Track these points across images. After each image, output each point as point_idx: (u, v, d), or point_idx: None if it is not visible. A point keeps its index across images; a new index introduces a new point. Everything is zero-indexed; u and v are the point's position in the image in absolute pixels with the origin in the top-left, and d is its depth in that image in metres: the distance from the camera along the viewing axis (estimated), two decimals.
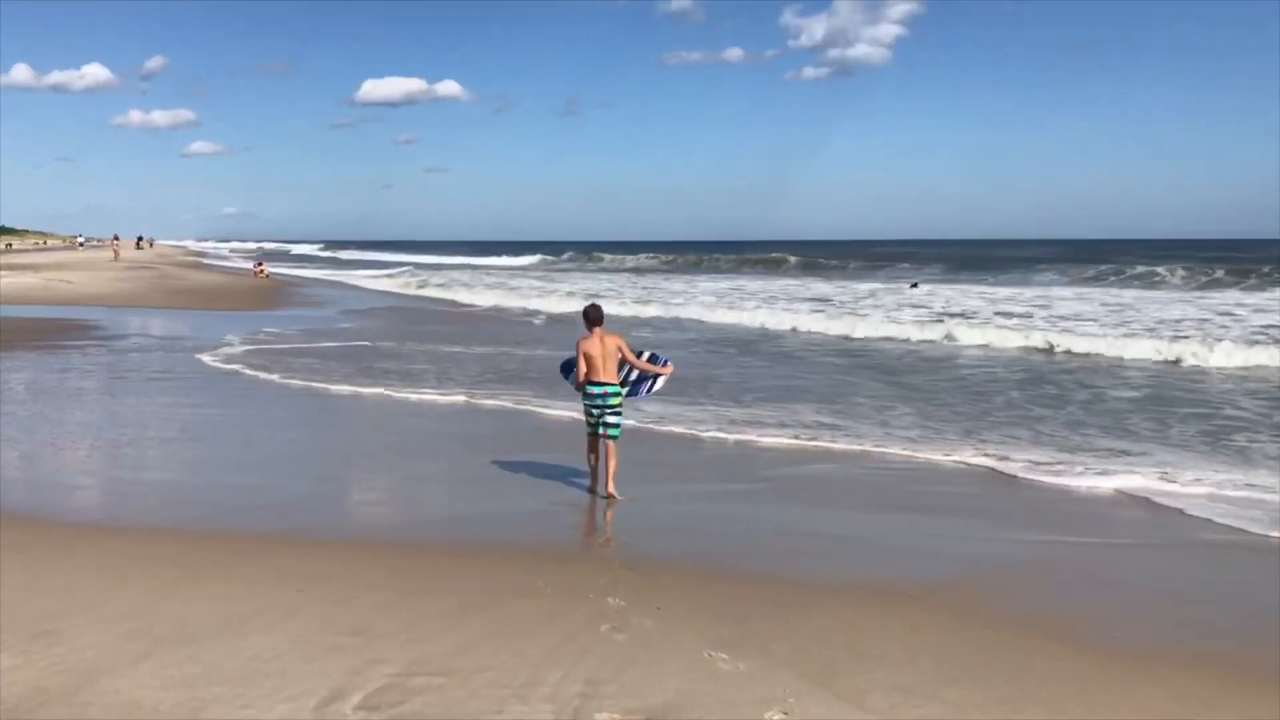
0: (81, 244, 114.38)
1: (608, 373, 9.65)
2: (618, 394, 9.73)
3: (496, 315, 36.24)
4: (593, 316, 9.82)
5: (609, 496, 9.64)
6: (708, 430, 13.32)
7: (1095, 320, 30.13)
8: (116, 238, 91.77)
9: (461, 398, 15.81)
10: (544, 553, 8.12)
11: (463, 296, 45.43)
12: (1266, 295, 39.66)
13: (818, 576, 7.64)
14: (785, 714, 5.28)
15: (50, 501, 9.57)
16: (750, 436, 12.96)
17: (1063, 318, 31.18)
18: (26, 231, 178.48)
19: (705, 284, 54.53)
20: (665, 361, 10.39)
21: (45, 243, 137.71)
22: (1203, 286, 46.57)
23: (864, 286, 49.90)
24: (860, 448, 12.36)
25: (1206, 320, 29.72)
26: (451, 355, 22.01)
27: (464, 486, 10.73)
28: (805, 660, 5.96)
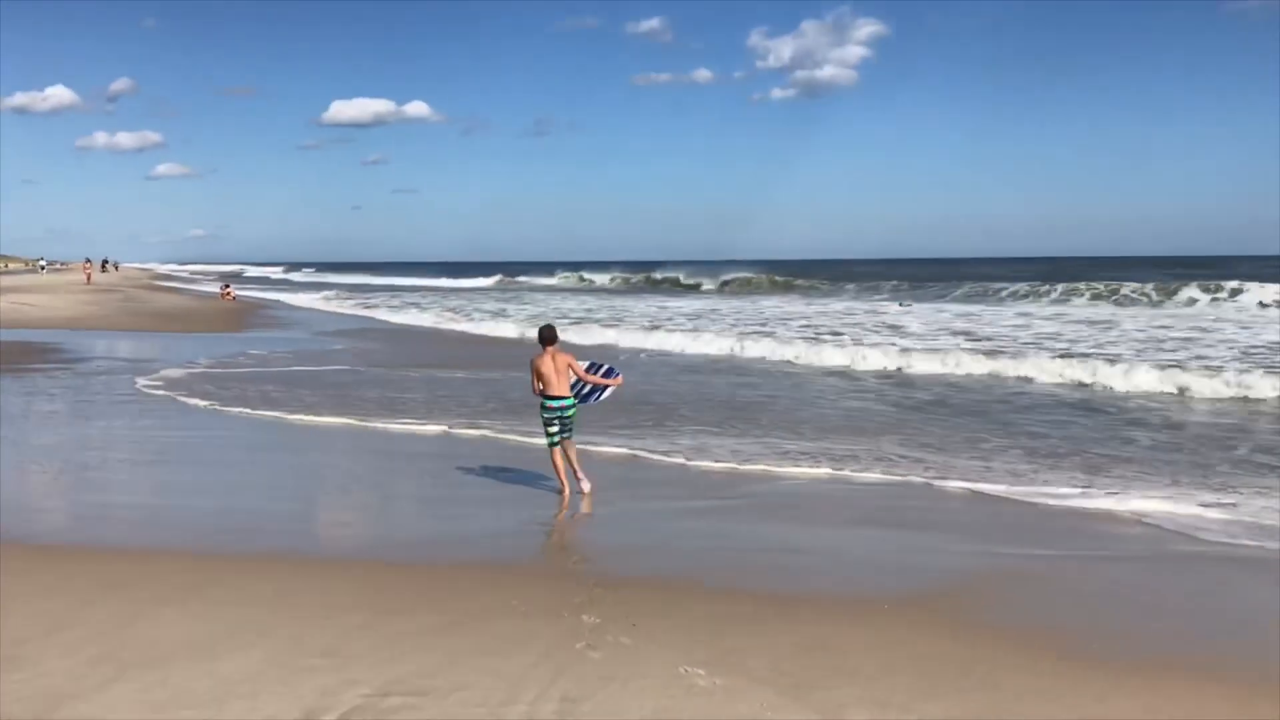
0: (43, 268, 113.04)
1: (561, 387, 10.38)
2: (573, 405, 10.49)
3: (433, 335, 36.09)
4: (546, 336, 10.56)
5: (583, 493, 10.37)
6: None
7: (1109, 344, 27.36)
8: (88, 261, 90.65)
9: (438, 428, 15.72)
10: (518, 572, 8.06)
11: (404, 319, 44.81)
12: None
13: (794, 591, 7.63)
14: None
15: (13, 525, 9.40)
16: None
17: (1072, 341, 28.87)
18: None
19: (676, 304, 54.46)
20: (616, 374, 10.98)
21: (6, 266, 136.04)
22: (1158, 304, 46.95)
23: (840, 305, 50.08)
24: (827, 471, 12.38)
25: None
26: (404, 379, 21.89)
27: (436, 506, 10.67)
28: (782, 675, 5.94)
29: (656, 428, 14.93)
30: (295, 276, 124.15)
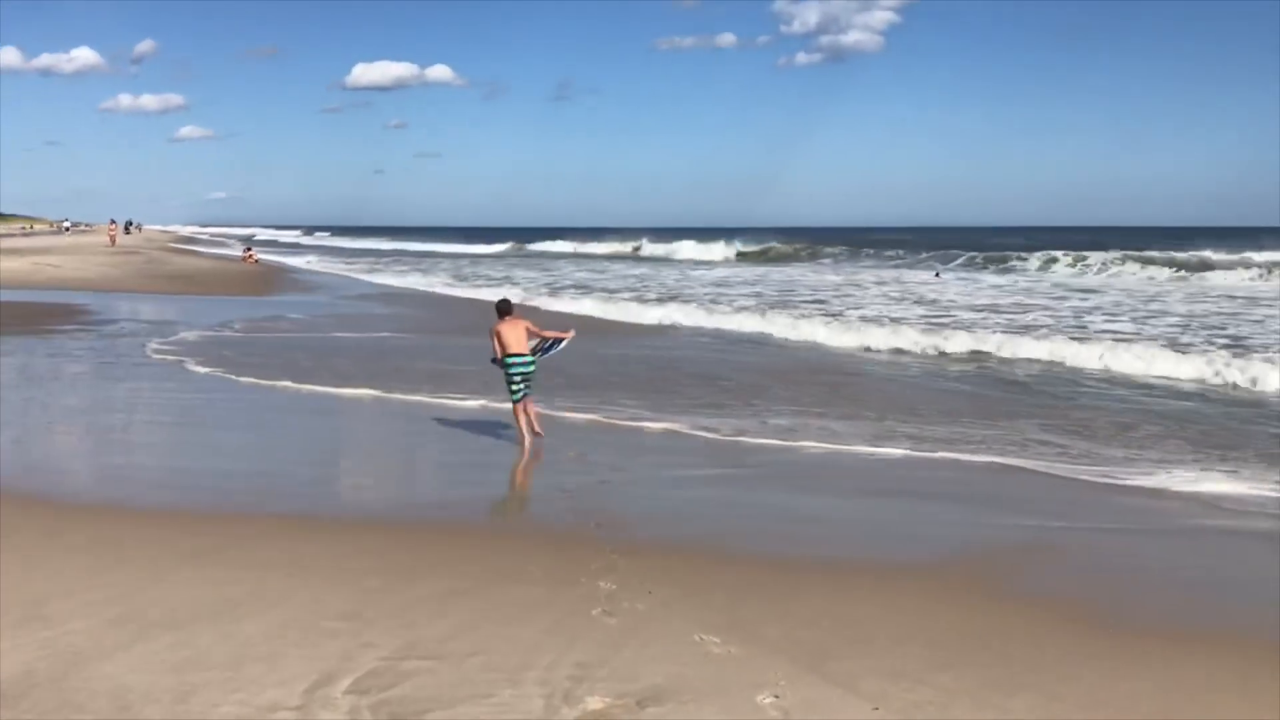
0: (67, 229, 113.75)
1: (520, 345, 11.69)
2: (532, 362, 11.80)
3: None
4: (503, 309, 12.14)
5: (538, 434, 11.66)
6: None
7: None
8: (113, 222, 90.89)
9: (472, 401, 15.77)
10: (535, 537, 8.11)
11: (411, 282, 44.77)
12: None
13: (809, 561, 7.65)
14: (776, 697, 5.28)
15: (40, 484, 9.51)
16: None
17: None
18: (14, 216, 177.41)
19: (699, 274, 54.19)
20: (570, 330, 12.64)
21: (32, 227, 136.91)
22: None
23: (870, 275, 49.54)
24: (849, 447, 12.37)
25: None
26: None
27: (454, 471, 10.74)
28: (796, 644, 5.97)
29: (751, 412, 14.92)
30: (306, 240, 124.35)
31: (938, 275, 48.18)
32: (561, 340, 12.23)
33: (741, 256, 73.66)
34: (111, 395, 14.61)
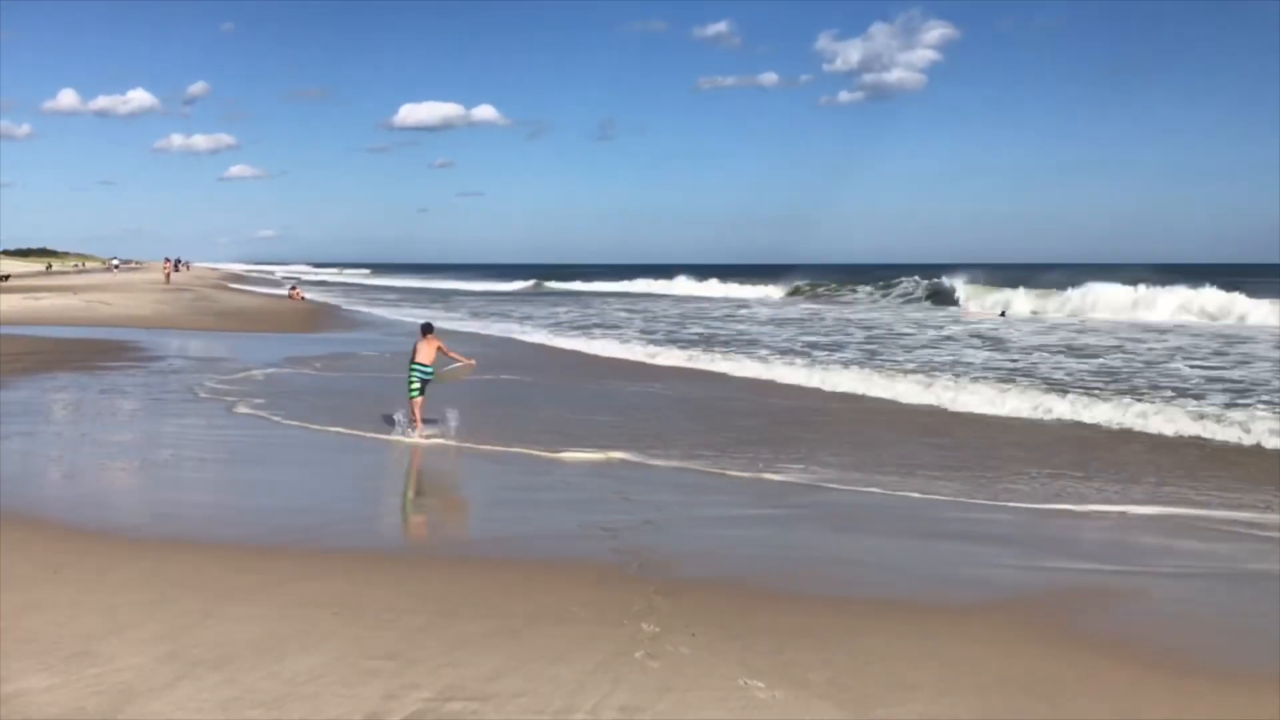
0: (115, 266, 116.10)
1: (425, 358, 14.99)
2: (429, 371, 14.99)
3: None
4: (426, 328, 15.54)
5: (417, 425, 14.71)
6: None
7: None
8: (168, 260, 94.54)
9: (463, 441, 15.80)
10: (578, 577, 8.09)
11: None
12: None
13: (855, 603, 7.58)
14: None
15: (91, 520, 9.63)
16: None
17: None
18: (67, 254, 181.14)
19: (754, 312, 53.88)
20: (472, 360, 16.10)
21: (84, 265, 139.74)
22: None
23: (918, 313, 49.16)
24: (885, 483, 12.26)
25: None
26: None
27: (494, 509, 10.77)
28: (842, 690, 5.90)
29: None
30: (334, 277, 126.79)
31: (1003, 315, 47.47)
32: (459, 362, 15.59)
33: (794, 292, 73.91)
34: (162, 432, 14.80)
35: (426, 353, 14.99)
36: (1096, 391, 19.04)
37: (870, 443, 14.49)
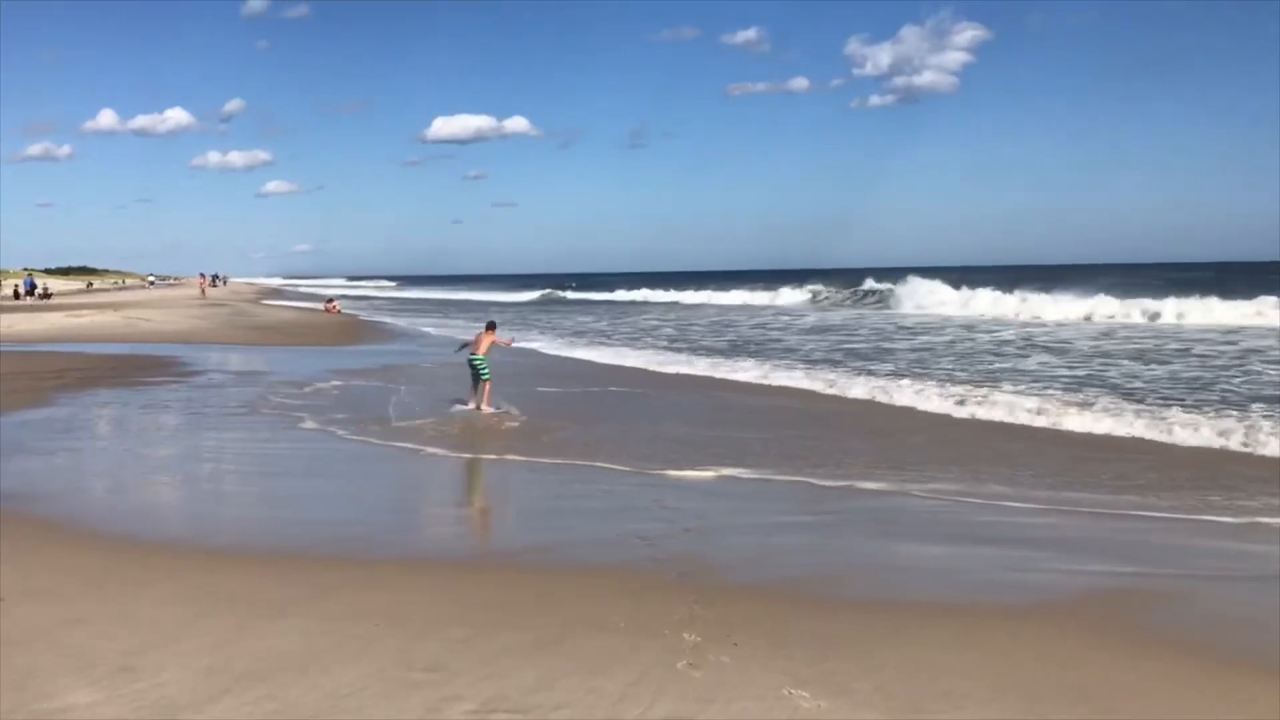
0: (151, 283, 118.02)
1: (480, 349, 17.81)
2: (484, 362, 17.70)
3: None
4: (489, 324, 18.64)
5: (481, 410, 17.30)
6: None
7: None
8: (202, 275, 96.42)
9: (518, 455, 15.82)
10: (617, 586, 8.05)
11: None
12: None
13: (897, 608, 7.48)
14: None
15: (132, 534, 9.70)
16: None
17: None
18: (107, 271, 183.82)
19: (785, 320, 53.45)
20: (512, 339, 20.15)
21: (124, 282, 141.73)
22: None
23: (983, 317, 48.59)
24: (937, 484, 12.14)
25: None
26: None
27: (532, 518, 10.75)
28: (889, 699, 5.82)
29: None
30: (348, 289, 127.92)
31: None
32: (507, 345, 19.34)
33: (819, 298, 73.22)
34: (203, 446, 14.92)
35: (483, 345, 17.78)
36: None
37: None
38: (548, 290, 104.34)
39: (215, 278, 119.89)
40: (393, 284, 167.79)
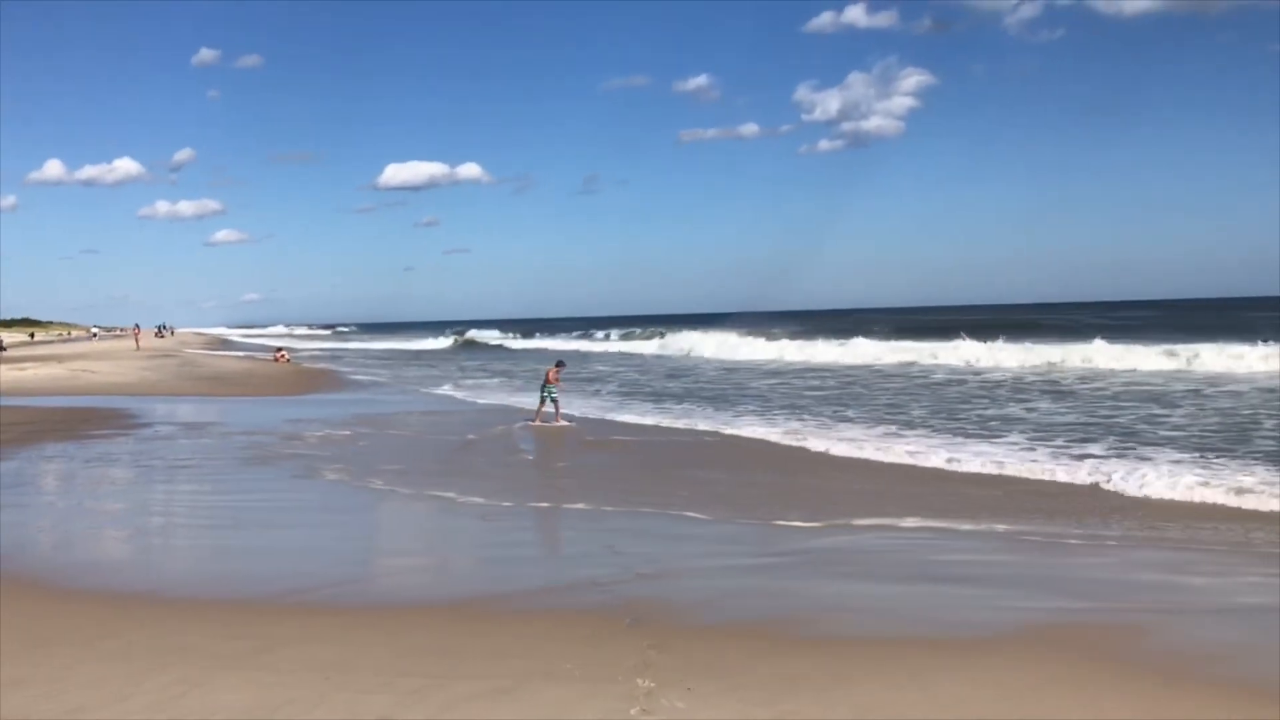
0: (95, 334, 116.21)
1: (551, 380, 23.93)
2: (554, 388, 23.94)
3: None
4: (559, 362, 25.07)
5: (538, 424, 23.22)
6: None
7: None
8: (138, 327, 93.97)
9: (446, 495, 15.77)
10: (570, 633, 8.03)
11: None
12: None
13: (850, 649, 7.54)
14: None
15: (77, 590, 9.53)
16: None
17: None
18: (50, 323, 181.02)
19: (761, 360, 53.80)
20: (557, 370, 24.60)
21: (69, 334, 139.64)
22: None
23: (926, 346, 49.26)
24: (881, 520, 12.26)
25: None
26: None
27: (485, 567, 10.71)
28: None
29: None
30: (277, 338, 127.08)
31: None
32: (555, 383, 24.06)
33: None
34: (152, 499, 14.71)
35: (553, 377, 23.97)
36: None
37: None
38: (460, 335, 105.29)
39: (161, 328, 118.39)
40: (328, 333, 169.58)
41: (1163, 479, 14.06)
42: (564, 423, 23.49)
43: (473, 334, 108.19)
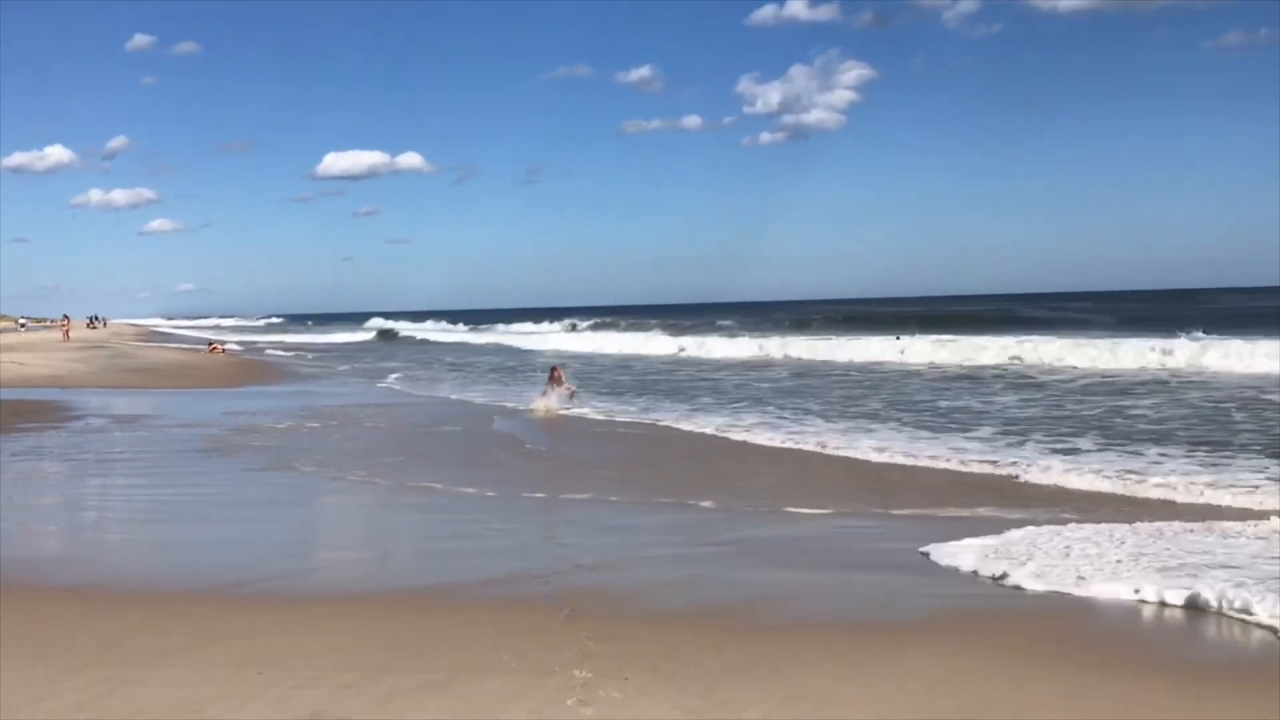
0: (23, 325, 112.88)
1: (554, 381, 24.90)
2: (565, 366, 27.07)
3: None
4: (554, 366, 26.20)
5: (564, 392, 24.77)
6: None
7: None
8: (66, 318, 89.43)
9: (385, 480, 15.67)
10: (509, 625, 7.99)
11: None
12: None
13: (786, 637, 7.58)
14: None
15: (6, 585, 9.30)
16: None
17: None
18: None
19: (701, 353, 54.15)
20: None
21: None
22: None
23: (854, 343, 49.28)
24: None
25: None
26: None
27: (421, 559, 10.64)
28: None
29: None
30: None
31: (898, 339, 48.35)
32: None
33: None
34: (81, 493, 14.41)
35: (557, 379, 24.99)
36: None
37: None
38: (381, 327, 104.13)
39: (94, 319, 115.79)
40: (260, 323, 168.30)
41: (1074, 470, 14.66)
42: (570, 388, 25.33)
43: (396, 325, 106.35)
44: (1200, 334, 39.04)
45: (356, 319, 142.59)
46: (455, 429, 21.80)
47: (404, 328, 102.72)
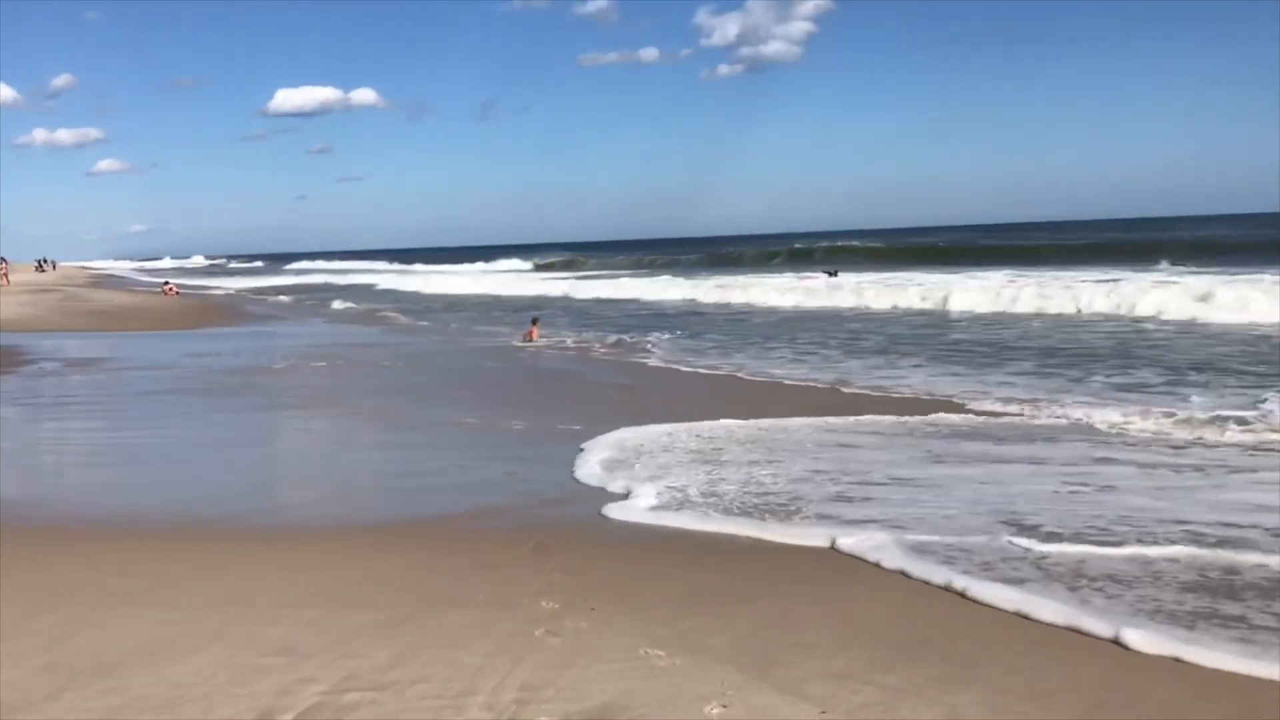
0: None
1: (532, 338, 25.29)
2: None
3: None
4: (534, 320, 26.72)
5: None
6: None
7: None
8: (4, 261, 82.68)
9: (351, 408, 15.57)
10: (474, 559, 8.00)
11: None
12: None
13: (752, 572, 7.64)
14: (724, 707, 5.27)
15: None
16: None
17: None
18: None
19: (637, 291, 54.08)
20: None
21: None
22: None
23: (775, 281, 49.62)
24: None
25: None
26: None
27: (387, 495, 10.60)
28: (742, 653, 5.96)
29: None
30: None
31: (832, 274, 48.50)
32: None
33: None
34: (39, 437, 14.21)
35: (534, 335, 25.55)
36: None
37: None
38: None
39: (42, 262, 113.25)
40: (205, 261, 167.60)
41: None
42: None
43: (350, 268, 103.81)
44: (1164, 264, 39.67)
45: (310, 258, 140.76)
46: (422, 361, 21.69)
47: (362, 268, 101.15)
